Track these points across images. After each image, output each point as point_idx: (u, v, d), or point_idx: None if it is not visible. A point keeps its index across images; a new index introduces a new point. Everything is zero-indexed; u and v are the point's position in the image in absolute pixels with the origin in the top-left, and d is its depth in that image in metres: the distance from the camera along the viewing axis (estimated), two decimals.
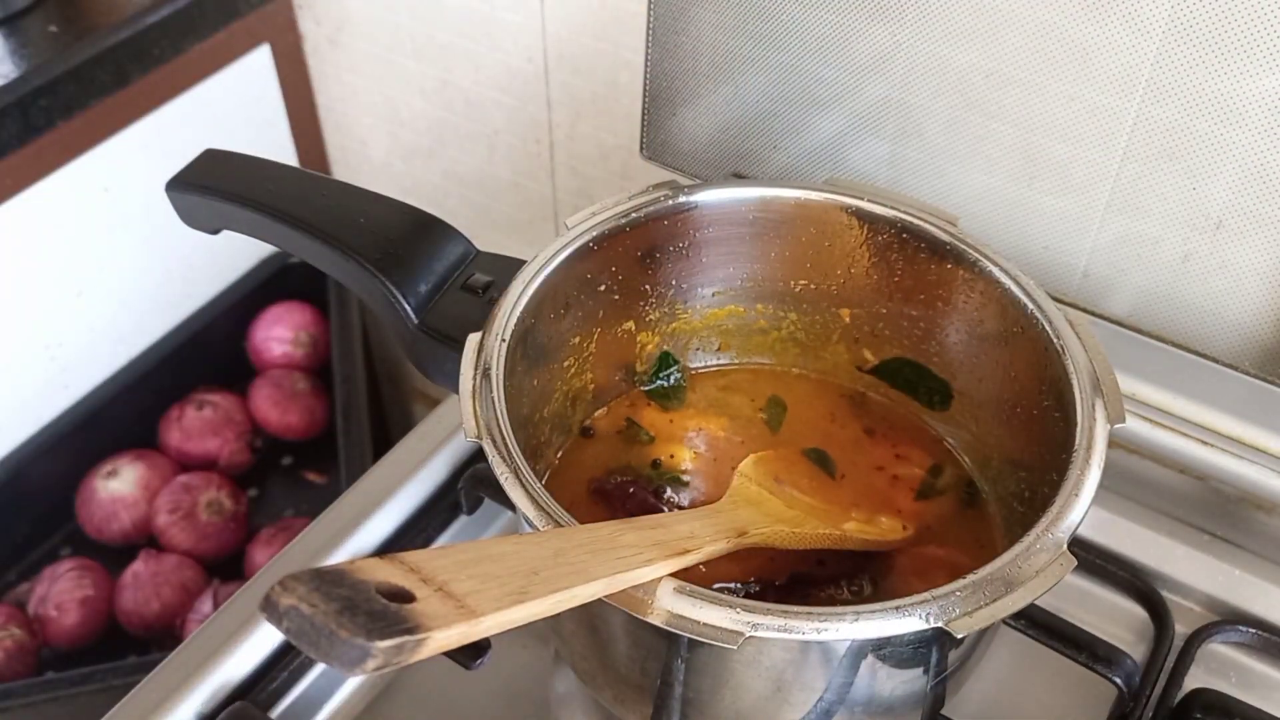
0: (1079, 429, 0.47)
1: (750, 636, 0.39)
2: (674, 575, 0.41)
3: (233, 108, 1.10)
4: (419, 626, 0.30)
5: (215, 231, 0.62)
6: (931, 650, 0.44)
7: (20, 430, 1.03)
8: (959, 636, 0.40)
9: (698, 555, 0.43)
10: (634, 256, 0.57)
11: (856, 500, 0.56)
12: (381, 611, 0.30)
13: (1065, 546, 0.43)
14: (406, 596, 0.31)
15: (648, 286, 0.59)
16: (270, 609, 0.29)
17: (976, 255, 0.54)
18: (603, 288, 0.57)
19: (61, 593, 0.98)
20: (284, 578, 0.30)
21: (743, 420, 0.61)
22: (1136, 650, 0.60)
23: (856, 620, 0.40)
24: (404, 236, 0.57)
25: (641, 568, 0.40)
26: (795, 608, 0.40)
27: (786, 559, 0.52)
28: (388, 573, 0.31)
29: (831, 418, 0.61)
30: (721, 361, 0.64)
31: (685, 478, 0.57)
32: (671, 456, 0.58)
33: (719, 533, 0.46)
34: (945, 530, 0.56)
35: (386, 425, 1.21)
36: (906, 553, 0.54)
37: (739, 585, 0.51)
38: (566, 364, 0.57)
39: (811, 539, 0.51)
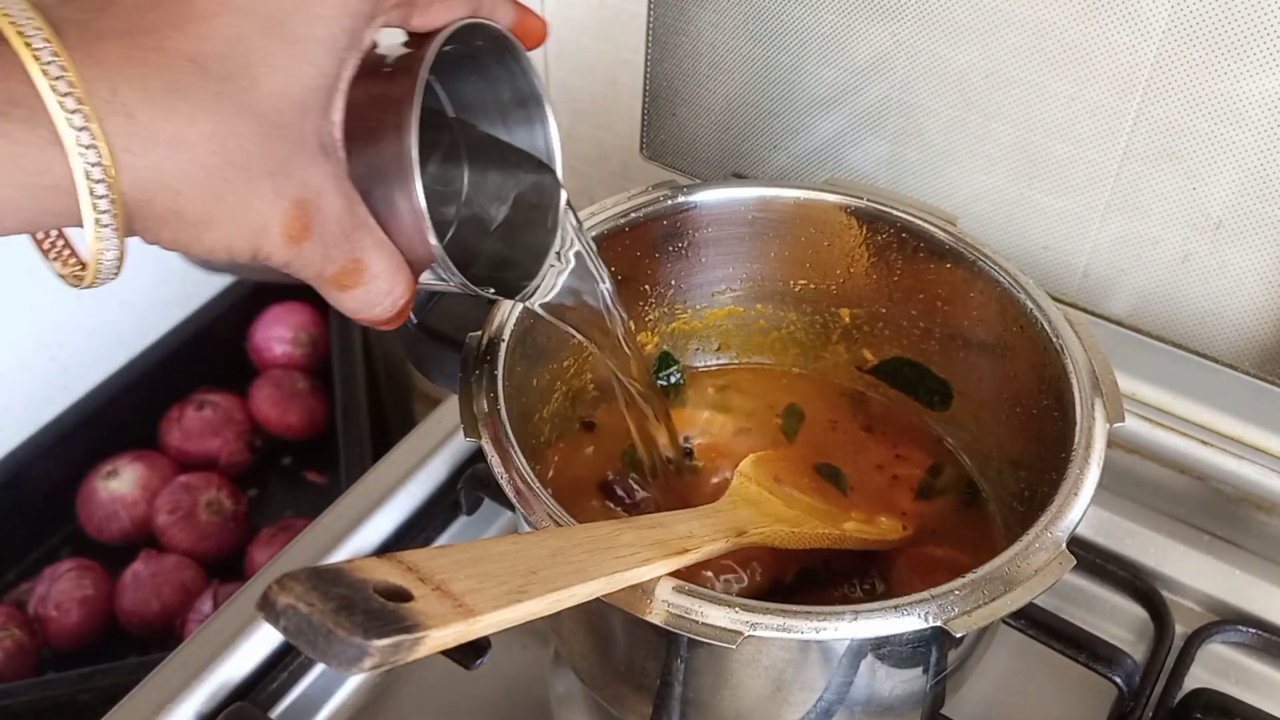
0: (1078, 428, 0.47)
1: (749, 636, 0.39)
2: (675, 574, 0.41)
3: None
4: (416, 625, 0.30)
5: None
6: (931, 649, 0.45)
7: (20, 430, 1.03)
8: (958, 635, 0.40)
9: (696, 555, 0.43)
10: (633, 256, 0.57)
11: (856, 500, 0.56)
12: (379, 610, 0.30)
13: (1064, 546, 0.43)
14: (404, 595, 0.31)
15: (647, 286, 0.59)
16: (267, 608, 0.29)
17: (976, 255, 0.54)
18: None
19: (62, 593, 0.98)
20: (281, 576, 0.29)
21: (742, 418, 0.61)
22: (1136, 650, 0.60)
23: (855, 620, 0.40)
24: None
25: (640, 567, 0.40)
26: (794, 607, 0.40)
27: (792, 558, 0.52)
28: (385, 572, 0.31)
29: (831, 418, 0.61)
30: (721, 361, 0.64)
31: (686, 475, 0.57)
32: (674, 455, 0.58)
33: (718, 532, 0.46)
34: (945, 530, 0.56)
35: (386, 425, 1.21)
36: (906, 552, 0.54)
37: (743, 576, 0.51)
38: (566, 364, 0.57)
39: (811, 538, 0.51)
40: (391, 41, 0.39)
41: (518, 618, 0.34)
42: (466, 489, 0.64)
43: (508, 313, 0.51)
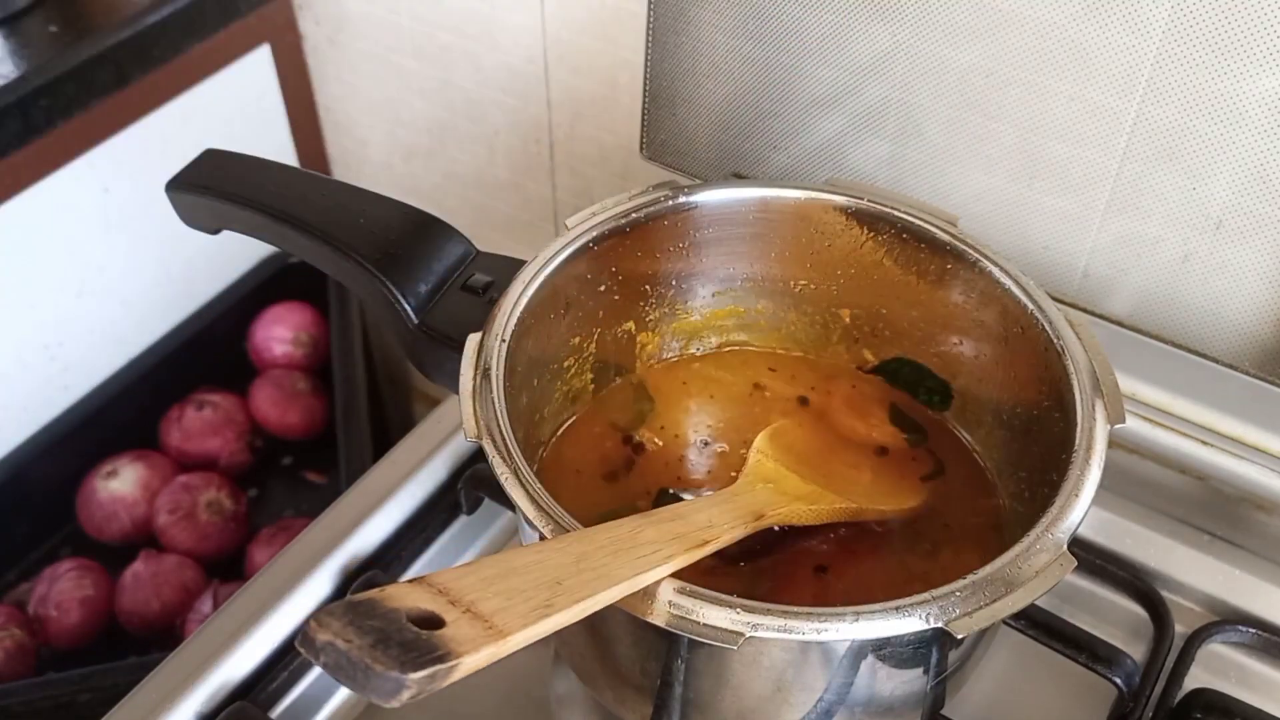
0: (1079, 429, 0.47)
1: (750, 637, 0.39)
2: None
3: (233, 108, 1.10)
4: (450, 653, 0.30)
5: (215, 231, 0.62)
6: (931, 650, 0.45)
7: (20, 430, 1.03)
8: (959, 637, 0.40)
9: (716, 544, 0.43)
10: (634, 257, 0.57)
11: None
12: (413, 641, 0.30)
13: (1065, 547, 0.43)
14: (436, 622, 0.31)
15: (648, 287, 0.59)
16: (308, 645, 0.30)
17: (976, 255, 0.54)
18: (603, 288, 0.57)
19: (62, 593, 0.98)
20: (319, 613, 0.31)
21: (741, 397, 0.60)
22: (1136, 650, 0.60)
23: (856, 620, 0.40)
24: (404, 237, 0.57)
25: (662, 565, 0.40)
26: (795, 608, 0.40)
27: None
28: (417, 598, 0.32)
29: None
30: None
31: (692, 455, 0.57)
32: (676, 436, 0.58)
33: (736, 518, 0.46)
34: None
35: (386, 425, 1.21)
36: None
37: None
38: (567, 364, 0.57)
39: (828, 514, 0.51)
40: None
41: (546, 630, 0.34)
42: (466, 489, 0.64)
43: (508, 313, 0.51)
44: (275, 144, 1.16)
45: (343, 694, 0.60)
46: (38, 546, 1.07)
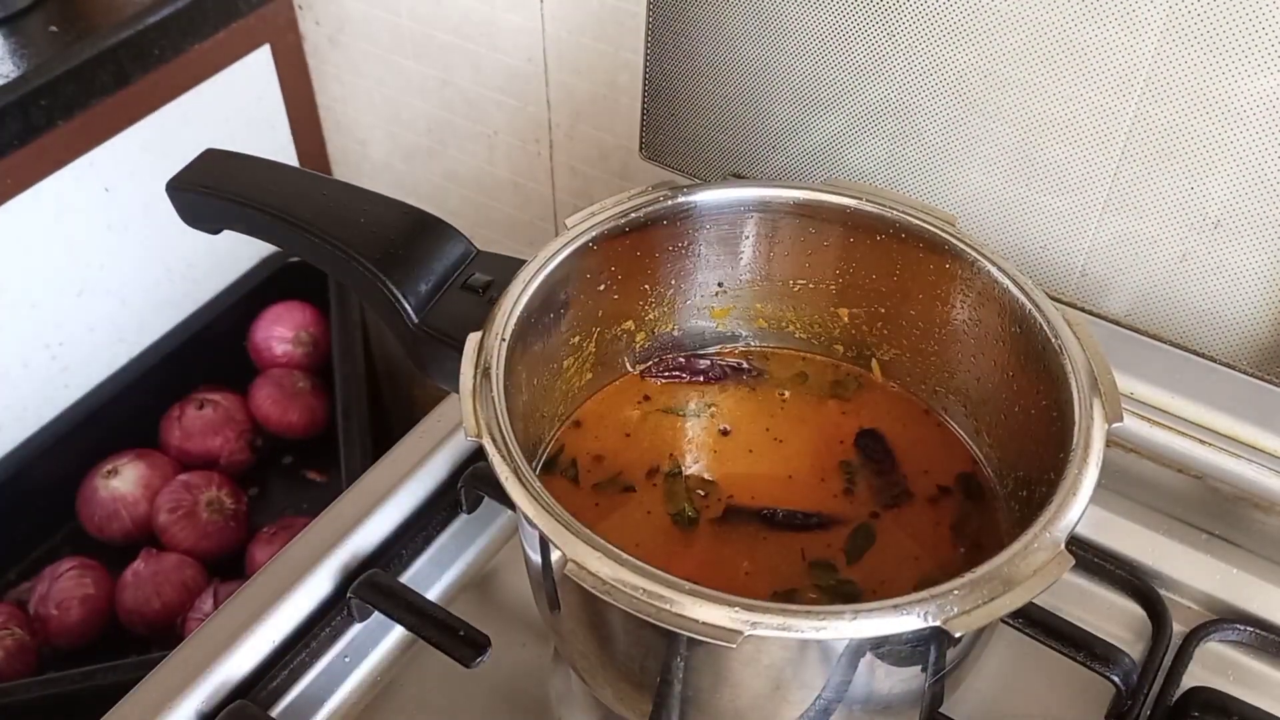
0: (1077, 428, 0.47)
1: (749, 635, 0.39)
2: (681, 571, 0.41)
3: (233, 108, 1.10)
4: None
5: (216, 231, 0.62)
6: (929, 648, 0.45)
7: (20, 430, 1.04)
8: (957, 635, 0.40)
9: None
10: (633, 256, 0.57)
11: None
12: None
13: (1063, 545, 0.43)
14: None
15: (647, 286, 0.59)
16: None
17: (975, 255, 0.54)
18: (602, 287, 0.57)
19: (62, 592, 0.98)
20: None
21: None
22: (1134, 649, 0.60)
23: (855, 619, 0.40)
24: (404, 236, 0.57)
25: None
26: (794, 606, 0.40)
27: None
28: None
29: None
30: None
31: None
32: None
33: None
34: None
35: (386, 425, 1.21)
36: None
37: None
38: (566, 363, 0.57)
39: None
40: None
41: None
42: (467, 488, 0.65)
43: (508, 312, 0.51)
44: (275, 144, 1.17)
45: (343, 693, 0.60)
46: (38, 545, 1.07)
